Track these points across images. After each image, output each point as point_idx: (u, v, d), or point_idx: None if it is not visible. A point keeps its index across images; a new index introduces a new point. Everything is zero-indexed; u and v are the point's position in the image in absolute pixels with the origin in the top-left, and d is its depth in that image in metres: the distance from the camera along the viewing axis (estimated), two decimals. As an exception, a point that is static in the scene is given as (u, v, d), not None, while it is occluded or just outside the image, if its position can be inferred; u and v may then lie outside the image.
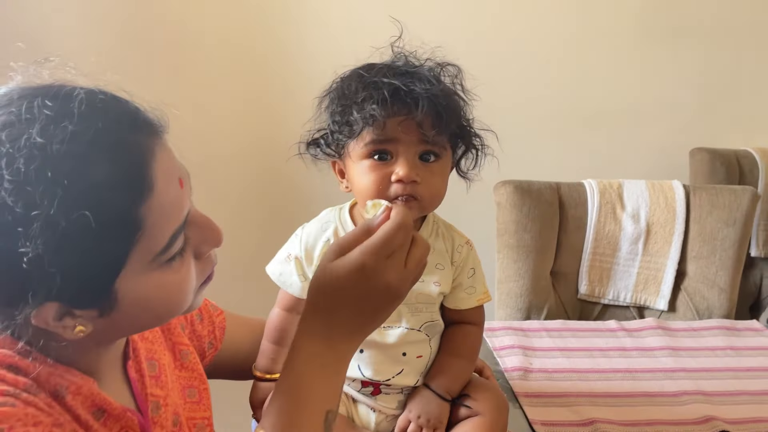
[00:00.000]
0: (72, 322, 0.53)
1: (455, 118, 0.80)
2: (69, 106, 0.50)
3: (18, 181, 0.47)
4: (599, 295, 1.52)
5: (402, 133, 0.78)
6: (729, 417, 1.06)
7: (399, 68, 0.79)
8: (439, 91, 0.77)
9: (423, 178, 0.80)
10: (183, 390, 0.77)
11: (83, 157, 0.49)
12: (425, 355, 0.89)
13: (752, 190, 1.49)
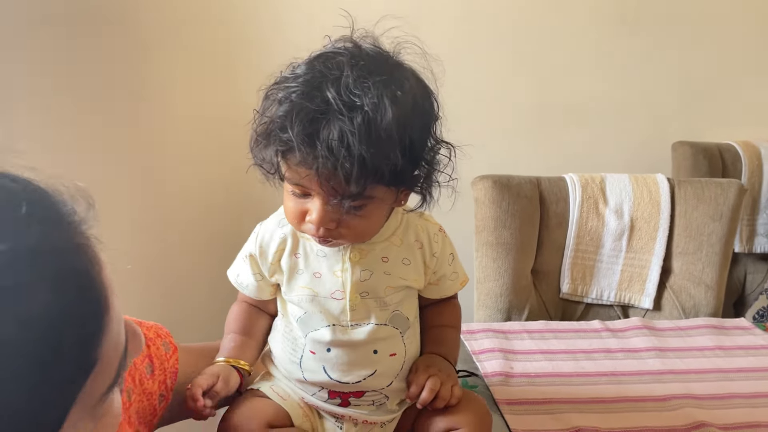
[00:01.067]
0: None
1: (379, 172, 0.67)
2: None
3: None
4: (582, 294, 1.45)
5: (311, 184, 0.70)
6: (721, 422, 1.00)
7: (313, 107, 0.66)
8: (354, 150, 0.65)
9: (343, 223, 0.72)
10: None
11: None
12: (399, 354, 0.82)
13: (738, 183, 1.44)
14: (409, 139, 0.70)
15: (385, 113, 0.66)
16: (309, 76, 0.69)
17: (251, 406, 0.81)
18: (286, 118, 0.67)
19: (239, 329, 0.87)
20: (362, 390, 0.81)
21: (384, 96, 0.67)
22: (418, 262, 0.83)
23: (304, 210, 0.72)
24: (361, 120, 0.65)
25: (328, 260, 0.80)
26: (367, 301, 0.79)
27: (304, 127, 0.66)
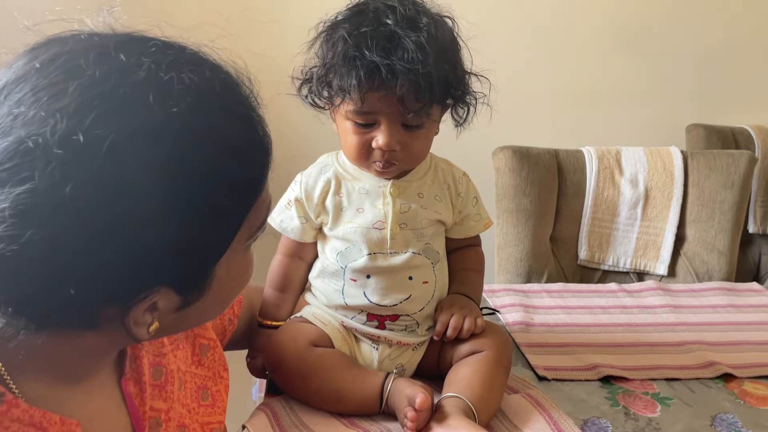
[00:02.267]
0: (150, 318, 0.50)
1: (440, 89, 0.79)
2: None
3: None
4: (599, 261, 1.52)
5: (383, 107, 0.79)
6: (731, 362, 1.06)
7: (384, 34, 0.76)
8: (423, 62, 0.75)
9: (404, 145, 0.83)
10: (197, 391, 0.73)
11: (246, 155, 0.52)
12: (431, 282, 0.90)
13: (749, 153, 1.50)
14: (455, 61, 0.82)
15: (442, 30, 0.79)
16: (363, 15, 0.79)
17: (297, 327, 0.89)
18: (362, 45, 0.76)
19: (279, 285, 0.96)
20: (397, 314, 0.89)
21: (434, 20, 0.79)
22: (447, 200, 0.92)
23: (369, 139, 0.82)
24: (427, 35, 0.76)
25: (369, 196, 0.88)
26: (405, 232, 0.88)
27: (383, 48, 0.75)
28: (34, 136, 0.42)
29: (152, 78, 0.46)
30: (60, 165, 0.42)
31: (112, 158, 0.43)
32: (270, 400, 0.90)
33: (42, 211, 0.42)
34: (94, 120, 0.43)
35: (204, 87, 0.48)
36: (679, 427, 0.89)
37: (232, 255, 0.53)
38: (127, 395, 0.62)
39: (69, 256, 0.43)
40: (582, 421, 0.89)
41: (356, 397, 0.85)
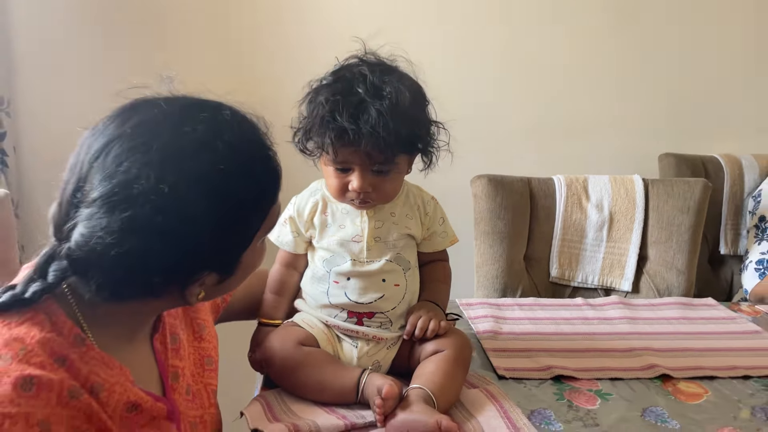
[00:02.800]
0: (198, 290, 0.75)
1: (401, 144, 0.97)
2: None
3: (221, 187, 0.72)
4: (569, 278, 1.68)
5: (354, 159, 0.98)
6: (670, 365, 1.21)
7: (353, 102, 0.95)
8: (384, 126, 0.93)
9: (375, 187, 1.01)
10: (201, 359, 0.94)
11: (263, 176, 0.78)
12: (402, 286, 1.07)
13: (704, 181, 1.66)
14: (419, 116, 1.00)
15: (404, 97, 0.96)
16: (340, 82, 0.98)
17: (287, 330, 1.06)
18: (336, 111, 0.95)
19: (276, 290, 1.14)
20: (372, 311, 1.06)
21: (400, 86, 0.97)
22: (417, 218, 1.10)
23: (346, 182, 1.01)
24: (389, 103, 0.94)
25: (350, 215, 1.06)
26: (379, 244, 1.06)
27: (351, 115, 0.94)
28: (134, 182, 0.66)
29: (204, 137, 0.71)
30: (150, 202, 0.66)
31: (183, 195, 0.68)
32: (265, 392, 1.07)
33: (139, 232, 0.66)
34: (171, 169, 0.68)
35: (237, 141, 0.73)
36: (613, 416, 1.04)
37: (253, 246, 0.79)
38: (156, 350, 0.84)
39: (155, 260, 0.68)
40: (529, 411, 1.05)
41: (336, 389, 1.01)
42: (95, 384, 0.71)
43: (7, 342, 0.67)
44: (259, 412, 1.01)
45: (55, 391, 0.66)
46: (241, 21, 1.98)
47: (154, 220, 0.66)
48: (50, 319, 0.71)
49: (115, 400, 0.73)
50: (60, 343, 0.69)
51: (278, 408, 1.02)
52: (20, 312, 0.70)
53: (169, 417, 0.81)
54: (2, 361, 0.65)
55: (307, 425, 0.94)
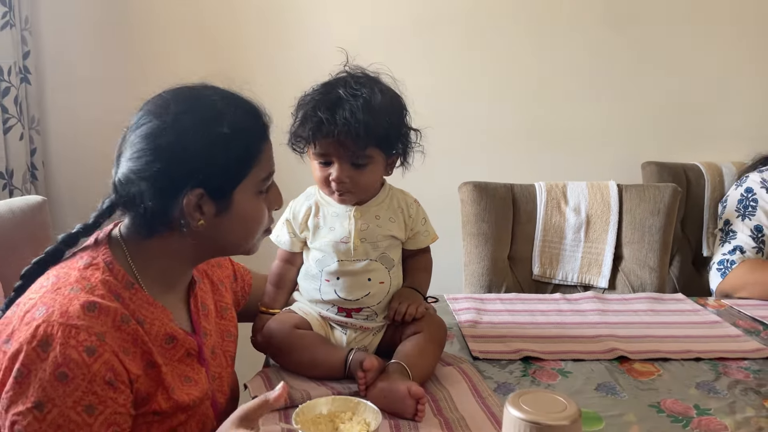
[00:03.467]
0: (199, 215, 0.92)
1: (372, 137, 1.12)
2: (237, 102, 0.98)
3: (218, 121, 0.93)
4: (550, 276, 1.82)
5: (331, 150, 1.14)
6: (630, 349, 1.34)
7: (332, 99, 1.13)
8: (356, 117, 1.09)
9: (352, 179, 1.16)
10: (222, 332, 1.13)
11: (246, 115, 0.97)
12: (386, 283, 1.22)
13: (673, 186, 1.80)
14: (392, 117, 1.15)
15: (375, 97, 1.12)
16: (324, 88, 1.16)
17: (285, 315, 1.22)
18: (316, 108, 1.12)
19: (275, 283, 1.29)
20: (360, 306, 1.21)
21: (374, 89, 1.13)
22: (400, 221, 1.24)
23: (328, 174, 1.16)
24: (362, 101, 1.11)
25: (339, 218, 1.21)
26: (364, 245, 1.20)
27: (328, 108, 1.11)
28: (150, 126, 0.92)
29: (199, 94, 0.96)
30: (159, 131, 0.91)
31: (181, 126, 0.91)
32: (265, 369, 1.23)
33: (150, 152, 0.91)
34: (174, 112, 0.92)
35: (227, 96, 0.97)
36: (569, 390, 1.18)
37: (246, 191, 0.95)
38: (191, 310, 1.05)
39: (162, 173, 0.90)
40: (496, 384, 1.20)
41: (327, 365, 1.17)
42: (141, 317, 0.92)
43: (77, 279, 0.89)
44: (260, 384, 1.17)
45: (111, 315, 0.87)
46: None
47: (159, 141, 0.90)
48: (108, 266, 0.92)
49: (155, 330, 0.93)
50: (115, 284, 0.91)
51: (276, 381, 1.17)
52: (86, 254, 0.93)
53: (199, 360, 1.01)
54: (74, 291, 0.86)
55: (300, 394, 1.10)
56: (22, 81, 2.02)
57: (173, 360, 0.96)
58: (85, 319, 0.83)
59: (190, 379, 0.98)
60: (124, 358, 0.86)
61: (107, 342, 0.84)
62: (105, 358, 0.83)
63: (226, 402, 1.10)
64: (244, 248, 1.02)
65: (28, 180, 2.04)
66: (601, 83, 2.33)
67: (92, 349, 0.82)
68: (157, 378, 0.91)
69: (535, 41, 2.27)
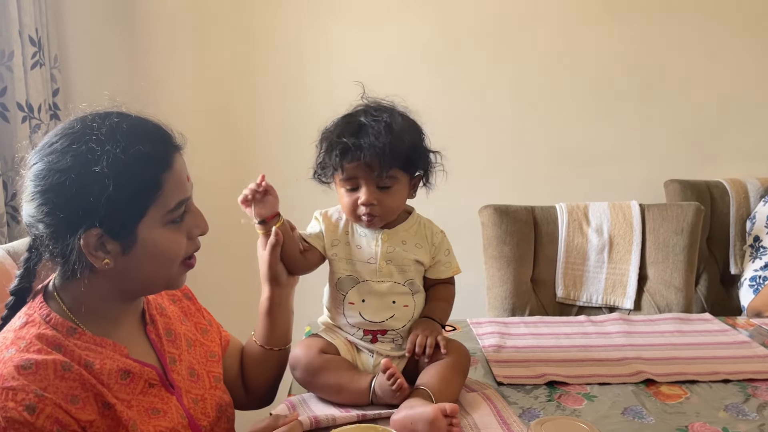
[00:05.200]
0: (103, 255, 0.90)
1: (396, 158, 1.15)
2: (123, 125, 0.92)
3: (101, 156, 0.88)
4: (574, 298, 1.81)
5: (358, 173, 1.17)
6: (656, 372, 1.33)
7: (355, 126, 1.16)
8: (383, 140, 1.13)
9: (380, 201, 1.19)
10: (205, 353, 1.15)
11: (132, 146, 0.90)
12: (410, 306, 1.23)
13: (696, 205, 1.79)
14: (412, 140, 1.18)
15: (396, 120, 1.17)
16: (345, 118, 1.20)
17: (311, 340, 1.24)
18: (341, 135, 1.16)
19: None
20: (385, 329, 1.23)
21: (393, 113, 1.18)
22: (426, 247, 1.26)
23: (355, 199, 1.19)
24: (384, 125, 1.15)
25: (366, 239, 1.24)
26: (390, 266, 1.22)
27: (352, 134, 1.15)
28: (40, 166, 0.89)
29: (106, 133, 0.90)
30: (47, 171, 0.88)
31: (66, 163, 0.88)
32: (290, 397, 1.24)
33: (44, 193, 0.88)
34: (59, 149, 0.89)
35: (129, 130, 0.91)
36: (596, 414, 1.17)
37: (152, 225, 0.92)
38: (151, 339, 1.04)
39: (59, 213, 0.87)
40: (521, 410, 1.19)
41: (352, 390, 1.17)
42: (88, 360, 0.90)
43: (12, 341, 0.88)
44: (284, 411, 1.17)
45: (51, 368, 0.86)
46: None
47: (45, 184, 0.87)
48: (45, 320, 0.91)
49: (108, 369, 0.92)
50: (54, 336, 0.90)
51: (301, 409, 1.18)
52: (23, 312, 0.93)
53: (167, 388, 1.00)
54: (9, 353, 0.86)
55: (326, 417, 1.10)
56: (51, 117, 2.09)
57: (135, 394, 0.95)
58: (20, 378, 0.83)
59: (158, 410, 0.98)
60: (71, 408, 0.85)
61: (48, 396, 0.83)
62: (47, 412, 0.82)
63: (212, 424, 1.09)
64: (162, 282, 0.99)
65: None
66: (620, 102, 2.34)
67: (32, 407, 0.81)
68: (114, 417, 0.91)
69: (554, 63, 2.29)
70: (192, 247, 0.99)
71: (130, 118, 0.94)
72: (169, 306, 1.14)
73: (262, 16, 2.22)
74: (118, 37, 2.21)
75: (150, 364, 1.00)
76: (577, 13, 2.27)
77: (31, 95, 1.96)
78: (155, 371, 0.99)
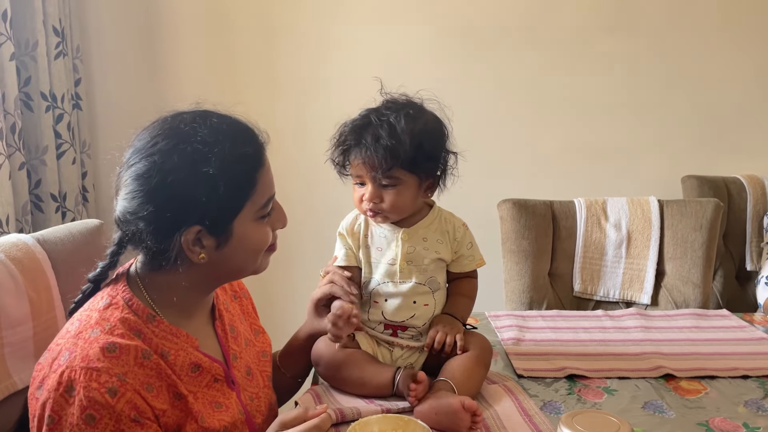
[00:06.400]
0: (199, 250, 0.93)
1: (398, 156, 1.14)
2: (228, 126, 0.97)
3: (209, 156, 0.91)
4: (591, 293, 1.82)
5: (361, 171, 1.19)
6: (676, 367, 1.34)
7: (363, 125, 1.18)
8: (383, 142, 1.14)
9: (383, 199, 1.20)
10: (258, 353, 1.17)
11: (235, 146, 0.94)
12: (431, 305, 1.24)
13: (715, 201, 1.79)
14: (420, 141, 1.16)
15: (400, 122, 1.16)
16: (360, 116, 1.21)
17: (332, 335, 1.25)
18: (348, 133, 1.18)
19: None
20: (406, 326, 1.24)
21: (401, 114, 1.17)
22: (447, 243, 1.26)
23: (361, 194, 1.20)
24: (387, 126, 1.15)
25: (387, 239, 1.24)
26: (410, 267, 1.23)
27: (357, 133, 1.17)
28: (142, 161, 0.92)
29: (208, 133, 0.93)
30: (150, 171, 0.90)
31: (170, 163, 0.90)
32: (315, 386, 1.26)
33: (143, 193, 0.91)
34: (164, 147, 0.92)
35: (228, 131, 0.95)
36: (616, 408, 1.19)
37: (246, 220, 0.95)
38: (218, 334, 1.07)
39: (158, 210, 0.90)
40: (542, 402, 1.21)
41: (375, 383, 1.19)
42: (164, 350, 0.94)
43: (97, 321, 0.91)
44: (310, 400, 1.19)
45: (132, 353, 0.89)
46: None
47: (149, 183, 0.89)
48: (127, 304, 0.94)
49: (180, 361, 0.96)
50: (135, 321, 0.93)
51: (325, 398, 1.20)
52: (106, 293, 0.95)
53: (229, 384, 1.03)
54: (95, 334, 0.89)
55: (350, 410, 1.12)
56: (74, 107, 2.11)
57: (201, 387, 0.99)
58: (105, 360, 0.86)
59: (221, 404, 1.01)
60: (147, 395, 0.89)
61: (128, 381, 0.87)
62: (128, 398, 0.86)
63: (264, 421, 1.12)
64: (250, 270, 1.03)
65: (80, 203, 2.13)
66: (638, 97, 2.34)
67: (114, 390, 0.85)
68: (185, 408, 0.94)
69: (571, 58, 2.29)
70: (273, 237, 1.04)
71: (227, 118, 0.97)
72: (232, 302, 1.17)
73: (279, 11, 2.23)
74: (138, 28, 2.23)
75: (218, 360, 1.03)
76: (595, 8, 2.27)
77: (54, 85, 1.98)
78: (221, 367, 1.03)
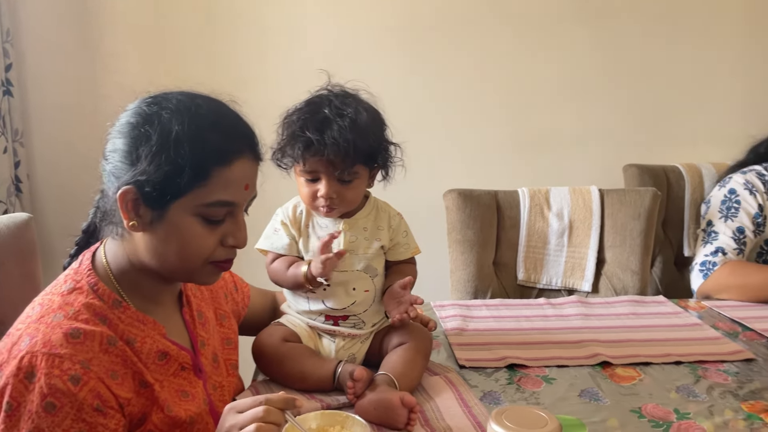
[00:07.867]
0: (134, 215, 0.89)
1: (359, 155, 1.14)
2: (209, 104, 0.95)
3: (166, 124, 0.88)
4: (535, 281, 1.85)
5: (320, 168, 1.16)
6: (611, 354, 1.37)
7: (319, 119, 1.14)
8: (344, 137, 1.11)
9: (339, 194, 1.18)
10: (222, 340, 1.15)
11: (201, 128, 0.90)
12: (371, 291, 1.24)
13: (653, 190, 1.83)
14: (375, 134, 1.17)
15: (360, 116, 1.14)
16: (309, 106, 1.17)
17: (274, 328, 1.24)
18: (304, 128, 1.14)
19: (287, 265, 1.23)
20: (347, 315, 1.23)
21: (358, 108, 1.15)
22: (385, 231, 1.27)
23: (315, 190, 1.18)
24: (349, 121, 1.13)
25: (329, 230, 1.23)
26: (351, 256, 1.22)
27: (317, 129, 1.13)
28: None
29: (190, 106, 0.91)
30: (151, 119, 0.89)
31: (154, 122, 0.89)
32: (255, 382, 1.24)
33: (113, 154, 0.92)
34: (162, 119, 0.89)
35: (206, 113, 0.92)
36: (553, 397, 1.21)
37: (184, 209, 0.90)
38: (186, 320, 1.05)
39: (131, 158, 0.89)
40: (482, 393, 1.22)
41: (316, 377, 1.18)
42: (130, 337, 0.92)
43: (60, 305, 0.89)
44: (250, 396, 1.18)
45: (96, 340, 0.87)
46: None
47: (118, 127, 0.91)
48: (92, 288, 0.92)
49: (147, 348, 0.94)
50: (101, 307, 0.91)
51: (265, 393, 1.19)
52: (70, 276, 0.93)
53: (196, 373, 1.02)
54: (57, 319, 0.86)
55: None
56: (5, 94, 2.02)
57: (167, 375, 0.97)
58: (68, 347, 0.84)
59: (187, 393, 1.00)
60: (112, 383, 0.87)
61: (92, 369, 0.85)
62: (91, 386, 0.84)
63: None
64: (187, 272, 0.97)
65: (12, 193, 2.04)
66: (580, 88, 2.37)
67: (77, 378, 0.82)
68: (150, 397, 0.92)
69: (514, 47, 2.31)
70: (224, 254, 0.96)
71: (220, 107, 0.95)
72: (200, 286, 1.14)
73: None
74: (72, 10, 2.14)
75: (185, 348, 1.01)
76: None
77: (-18, 71, 1.89)
78: (189, 355, 1.01)
